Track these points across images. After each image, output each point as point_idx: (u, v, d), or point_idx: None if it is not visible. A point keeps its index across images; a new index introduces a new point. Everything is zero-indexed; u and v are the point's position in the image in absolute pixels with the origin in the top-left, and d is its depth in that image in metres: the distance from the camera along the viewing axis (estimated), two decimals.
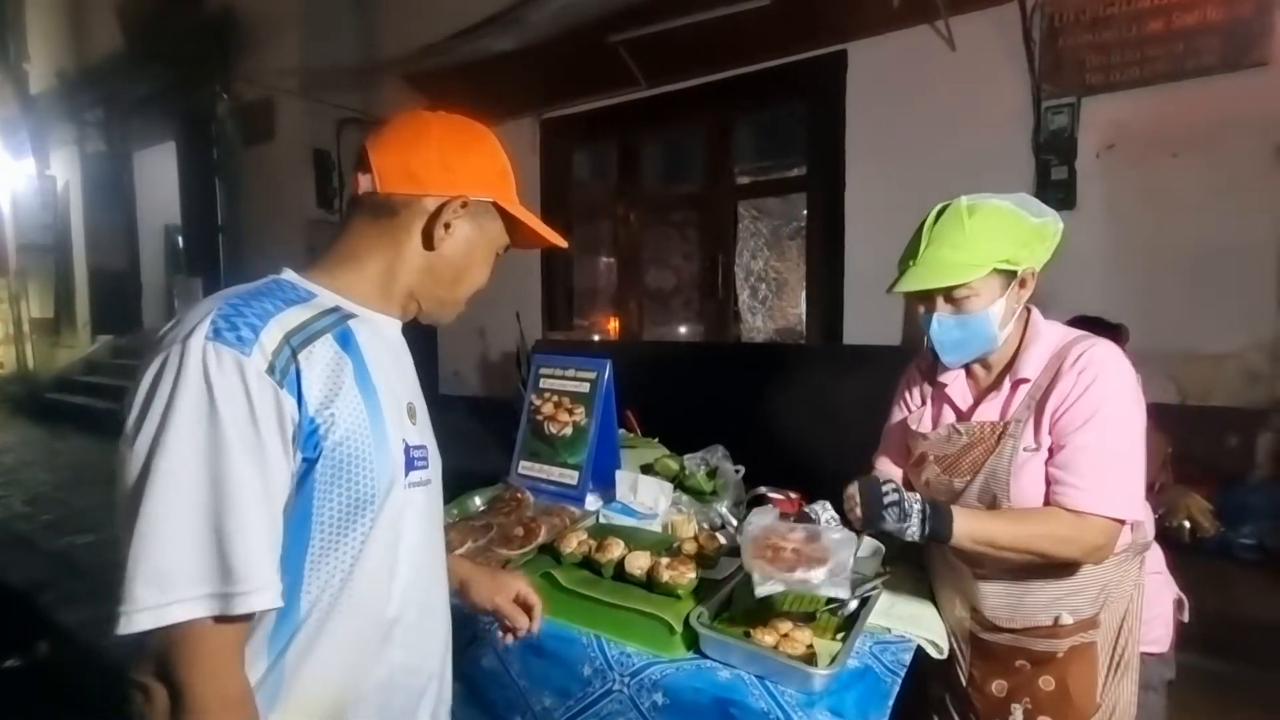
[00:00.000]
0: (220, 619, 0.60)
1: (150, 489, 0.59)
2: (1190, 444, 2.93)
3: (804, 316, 4.78)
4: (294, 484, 0.66)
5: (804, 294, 4.74)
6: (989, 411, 1.12)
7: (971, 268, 1.02)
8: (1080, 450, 0.99)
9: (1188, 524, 2.88)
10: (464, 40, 4.84)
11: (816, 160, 4.30)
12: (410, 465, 0.76)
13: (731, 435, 1.77)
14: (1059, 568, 1.05)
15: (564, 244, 0.90)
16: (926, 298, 1.08)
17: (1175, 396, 3.23)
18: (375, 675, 0.75)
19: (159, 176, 7.77)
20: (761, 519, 1.07)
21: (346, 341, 0.72)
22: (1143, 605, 1.08)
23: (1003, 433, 1.07)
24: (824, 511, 1.12)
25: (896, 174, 3.78)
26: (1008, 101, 3.55)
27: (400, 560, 0.76)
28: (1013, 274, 1.05)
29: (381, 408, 0.73)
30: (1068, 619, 1.06)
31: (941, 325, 1.08)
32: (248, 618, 0.63)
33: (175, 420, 0.60)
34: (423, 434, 0.81)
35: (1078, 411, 1.00)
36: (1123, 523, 1.00)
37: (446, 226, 0.77)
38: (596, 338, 5.53)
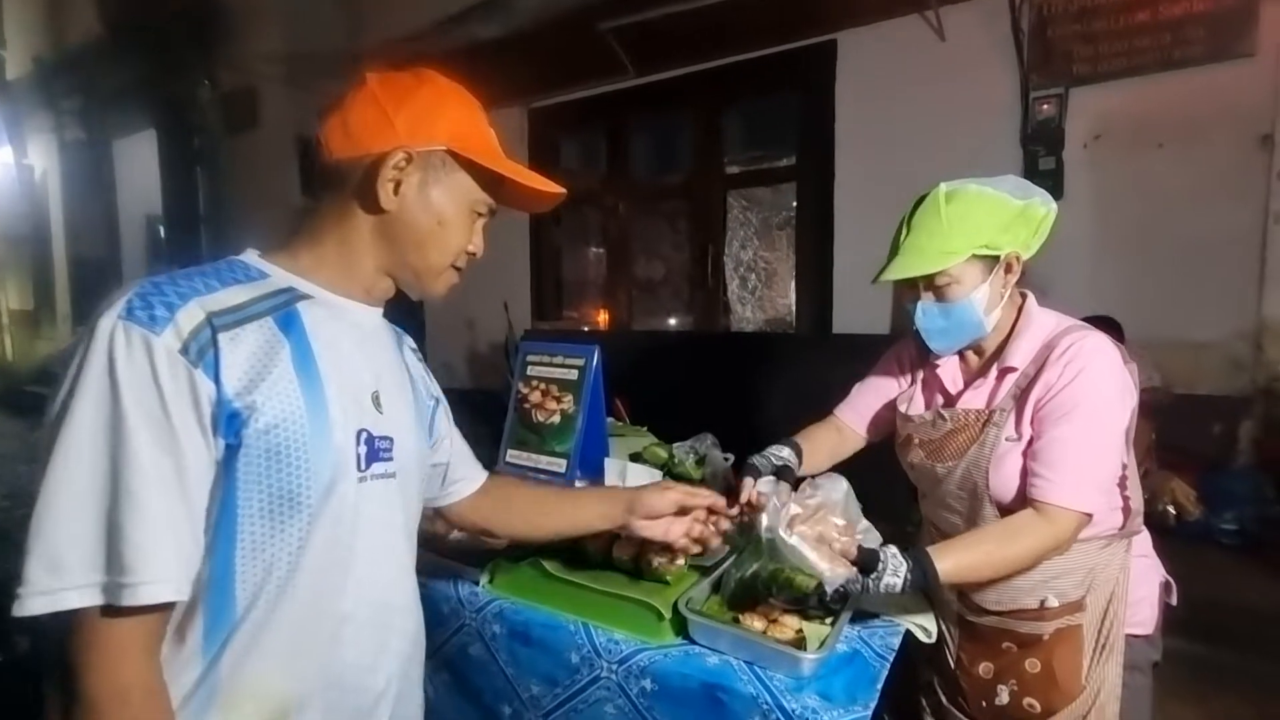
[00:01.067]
0: (114, 610, 0.58)
1: (50, 471, 0.58)
2: (1175, 430, 2.97)
3: (793, 306, 4.79)
4: (218, 472, 0.64)
5: (793, 284, 4.75)
6: (975, 399, 1.11)
7: (948, 255, 1.02)
8: (1056, 442, 0.99)
9: (1171, 509, 2.93)
10: (450, 27, 4.78)
11: (806, 150, 4.29)
12: (373, 456, 0.73)
13: (720, 424, 1.76)
14: None
15: (560, 190, 0.81)
16: (911, 287, 1.08)
17: (1160, 384, 3.27)
18: (323, 676, 0.71)
19: (140, 165, 7.63)
20: (779, 499, 1.01)
21: (289, 324, 0.68)
22: (1129, 588, 1.08)
23: (987, 421, 1.07)
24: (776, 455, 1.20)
25: (886, 164, 3.78)
26: (996, 92, 3.55)
27: (357, 557, 0.72)
28: (996, 259, 1.04)
29: (326, 396, 0.69)
30: (1054, 602, 1.06)
31: (926, 314, 1.08)
32: (153, 609, 0.60)
33: (78, 402, 0.58)
34: (394, 424, 0.77)
35: (1059, 403, 1.00)
36: (1090, 516, 0.99)
37: (396, 186, 0.72)
38: (585, 328, 5.51)
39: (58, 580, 0.57)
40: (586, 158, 5.91)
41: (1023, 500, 1.04)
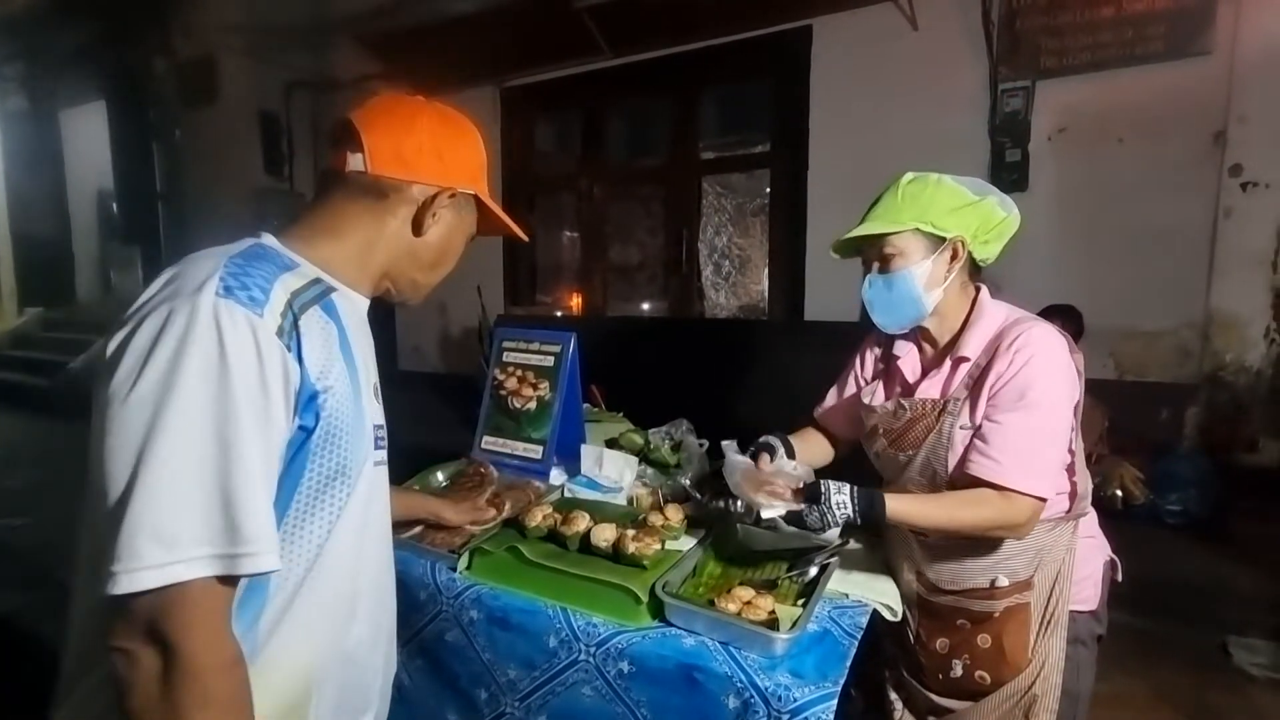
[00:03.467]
0: (220, 580, 0.60)
1: (155, 444, 0.57)
2: (1125, 417, 3.11)
3: (766, 293, 4.84)
4: (289, 453, 0.66)
5: (766, 270, 4.79)
6: (931, 389, 1.15)
7: (894, 224, 1.10)
8: (1006, 427, 1.03)
9: (1120, 492, 3.07)
10: (422, 1, 4.64)
11: (780, 137, 4.31)
12: (375, 443, 0.77)
13: (695, 409, 1.78)
14: (995, 538, 1.11)
15: (525, 238, 0.96)
16: (867, 265, 1.15)
17: (1113, 372, 3.41)
18: (342, 653, 0.75)
19: (90, 138, 7.28)
20: (740, 460, 1.17)
21: (330, 313, 0.72)
22: (1074, 567, 1.14)
23: (942, 410, 1.11)
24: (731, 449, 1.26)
25: (858, 152, 3.82)
26: (966, 83, 3.61)
27: (367, 536, 0.77)
28: (941, 240, 1.09)
29: (360, 382, 0.74)
30: (1004, 581, 1.12)
31: (872, 285, 1.15)
32: (238, 581, 0.62)
33: (185, 376, 0.58)
34: (382, 414, 0.83)
35: (1009, 390, 1.04)
36: (1044, 501, 1.03)
37: (434, 215, 0.80)
38: (559, 313, 5.49)
39: (171, 554, 0.57)
40: (561, 139, 5.84)
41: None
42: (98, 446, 0.60)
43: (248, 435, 0.60)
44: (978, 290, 1.17)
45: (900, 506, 1.04)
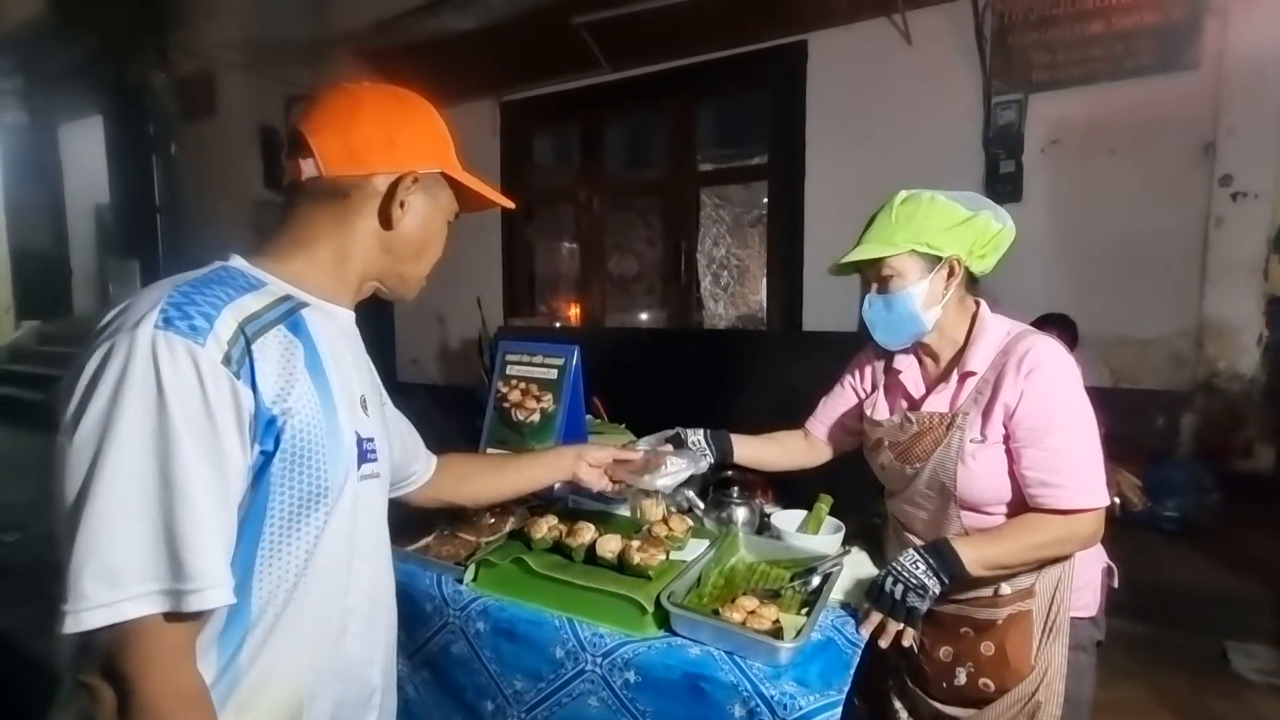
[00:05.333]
0: (172, 616, 0.59)
1: (96, 483, 0.57)
2: (1121, 424, 3.12)
3: (765, 303, 4.87)
4: (250, 479, 0.65)
5: (765, 281, 4.82)
6: (938, 403, 1.17)
7: (890, 246, 1.11)
8: (1056, 453, 1.05)
9: (1118, 500, 3.09)
10: (421, 17, 4.70)
11: (778, 149, 4.35)
12: (363, 457, 0.76)
13: (696, 420, 1.79)
14: None
15: (511, 205, 0.90)
16: (866, 284, 1.18)
17: (1109, 379, 3.43)
18: (332, 669, 0.75)
19: (89, 152, 7.30)
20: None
21: (298, 330, 0.70)
22: (1074, 575, 1.15)
23: (950, 424, 1.13)
24: (692, 434, 1.37)
25: (855, 164, 3.86)
26: (960, 96, 3.66)
27: (356, 553, 0.76)
28: (938, 259, 1.11)
29: (334, 398, 0.72)
30: (1006, 589, 1.13)
31: (872, 306, 1.17)
32: (199, 615, 0.61)
33: (122, 412, 0.57)
34: (374, 426, 0.80)
35: (1038, 418, 1.05)
36: (1107, 505, 1.06)
37: (402, 204, 0.77)
38: (559, 324, 5.50)
39: (116, 592, 0.56)
40: (559, 152, 5.88)
41: (989, 499, 1.11)
42: (54, 482, 0.59)
43: (192, 469, 0.59)
44: (977, 305, 1.19)
45: (975, 554, 1.04)
